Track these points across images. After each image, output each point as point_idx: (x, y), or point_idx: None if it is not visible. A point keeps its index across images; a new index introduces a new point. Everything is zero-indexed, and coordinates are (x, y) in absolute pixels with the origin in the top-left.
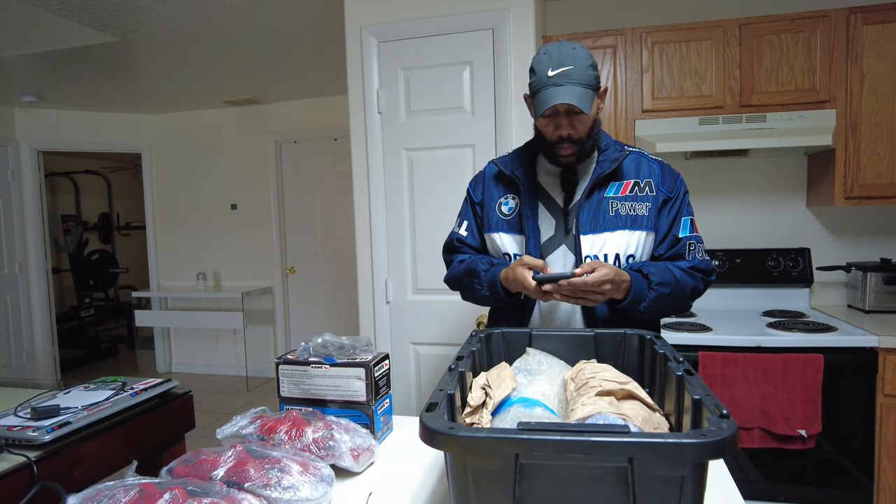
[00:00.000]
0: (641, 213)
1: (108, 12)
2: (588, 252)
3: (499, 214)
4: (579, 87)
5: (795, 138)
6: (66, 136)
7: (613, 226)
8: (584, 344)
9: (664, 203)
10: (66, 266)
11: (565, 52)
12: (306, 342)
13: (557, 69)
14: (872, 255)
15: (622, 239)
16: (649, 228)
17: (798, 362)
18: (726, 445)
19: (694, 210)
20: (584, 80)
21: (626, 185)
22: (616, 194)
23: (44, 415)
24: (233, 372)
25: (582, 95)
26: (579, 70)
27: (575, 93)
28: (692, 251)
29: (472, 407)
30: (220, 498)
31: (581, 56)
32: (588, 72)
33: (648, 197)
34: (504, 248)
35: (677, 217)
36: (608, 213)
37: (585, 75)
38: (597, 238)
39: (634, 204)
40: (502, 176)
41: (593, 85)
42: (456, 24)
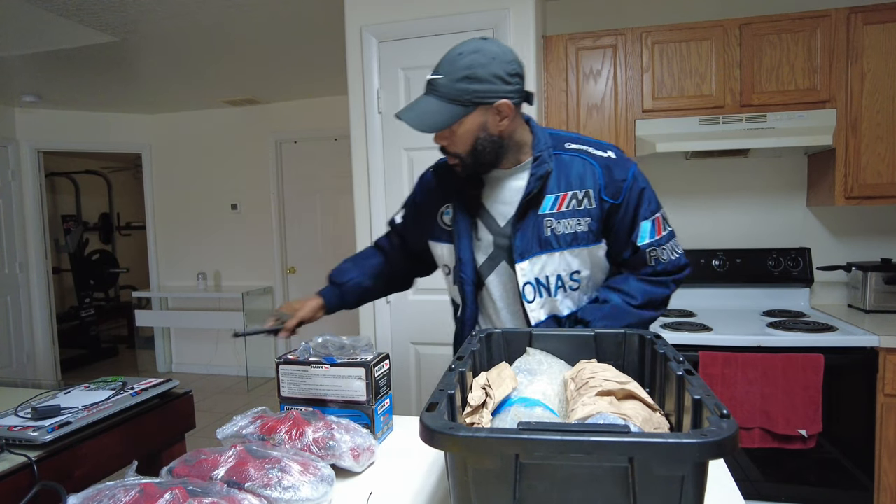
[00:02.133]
0: (581, 229)
1: (108, 12)
2: (527, 279)
3: (441, 224)
4: (439, 101)
5: (796, 138)
6: (66, 136)
7: (550, 247)
8: (584, 344)
9: (610, 212)
10: (66, 266)
11: (448, 58)
12: (307, 342)
13: (432, 74)
14: (873, 255)
15: (562, 259)
16: (593, 243)
17: (798, 362)
18: (726, 445)
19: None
20: (450, 93)
21: (562, 199)
22: (552, 210)
23: (44, 415)
24: (233, 372)
25: (433, 112)
26: (447, 82)
27: (424, 109)
28: (653, 256)
29: (473, 407)
30: (220, 498)
31: (460, 65)
32: (458, 85)
33: (588, 210)
34: (444, 260)
35: (634, 222)
36: (543, 233)
37: (453, 89)
38: (534, 263)
39: (572, 220)
40: (443, 182)
41: (463, 99)
42: (456, 24)
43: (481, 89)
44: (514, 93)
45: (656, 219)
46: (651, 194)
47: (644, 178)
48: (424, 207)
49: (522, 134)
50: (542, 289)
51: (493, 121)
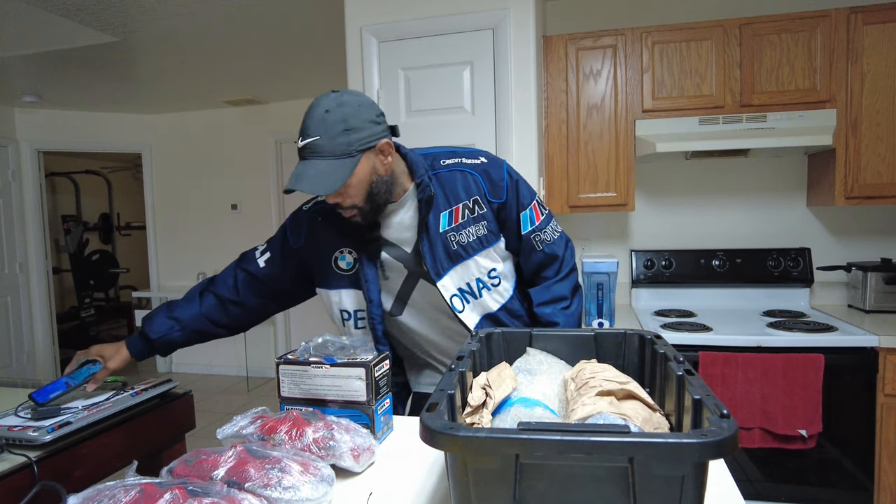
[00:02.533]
0: (482, 233)
1: (108, 12)
2: (451, 292)
3: (336, 269)
4: (327, 161)
5: (796, 138)
6: (66, 136)
7: (459, 258)
8: (584, 344)
9: (499, 210)
10: (66, 266)
11: (316, 119)
12: (307, 342)
13: (304, 139)
14: (873, 255)
15: (474, 265)
16: (495, 241)
17: (798, 362)
18: (727, 445)
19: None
20: (336, 150)
21: (456, 213)
22: (450, 226)
23: (44, 415)
24: (233, 372)
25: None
26: (327, 141)
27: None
28: (538, 240)
29: (473, 407)
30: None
31: (332, 120)
32: (339, 139)
33: (482, 215)
34: (343, 306)
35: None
36: (450, 248)
37: (335, 144)
38: (451, 276)
39: (472, 228)
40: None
41: (350, 151)
42: (456, 24)
43: (361, 137)
44: (385, 130)
45: (533, 206)
46: (524, 185)
47: (516, 171)
48: (313, 254)
49: (399, 164)
50: (468, 295)
51: (379, 162)
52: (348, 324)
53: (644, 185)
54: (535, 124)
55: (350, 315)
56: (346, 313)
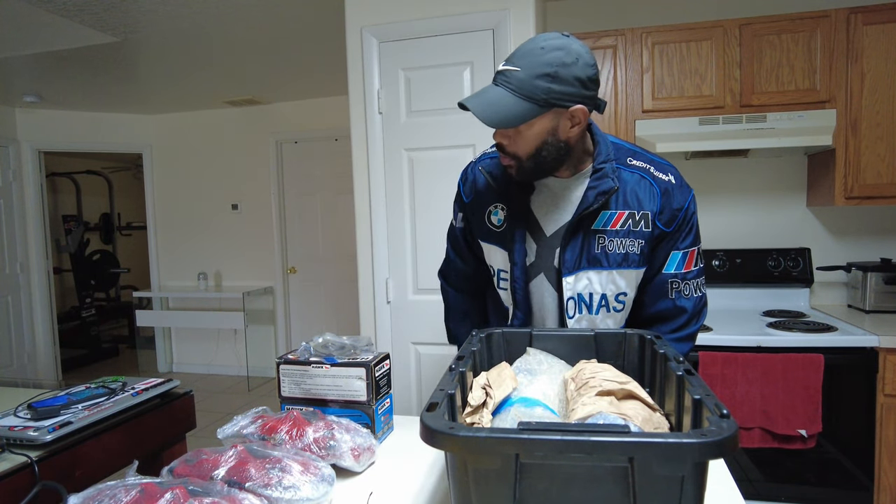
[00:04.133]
0: (633, 250)
1: (109, 13)
2: (570, 294)
3: (488, 224)
4: (512, 95)
5: (796, 138)
6: (67, 137)
7: (599, 265)
8: (584, 344)
9: (661, 238)
10: (67, 266)
11: (528, 50)
12: (307, 342)
13: (504, 65)
14: (873, 255)
15: (609, 279)
16: (642, 266)
17: (798, 362)
18: (726, 445)
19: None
20: (526, 90)
21: (618, 217)
22: (606, 227)
23: (44, 415)
24: (234, 372)
25: (505, 106)
26: (525, 75)
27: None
28: (675, 288)
29: (473, 407)
30: (221, 497)
31: (542, 60)
32: (537, 82)
33: (643, 233)
34: (490, 260)
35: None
36: (594, 249)
37: (530, 85)
38: (580, 278)
39: (626, 240)
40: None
41: (539, 98)
42: (456, 25)
43: (560, 91)
44: (591, 99)
45: (691, 252)
46: (697, 226)
47: (696, 207)
48: (475, 206)
49: (586, 142)
50: (584, 305)
51: (564, 126)
52: (494, 281)
53: None
54: None
55: (494, 272)
56: (493, 269)
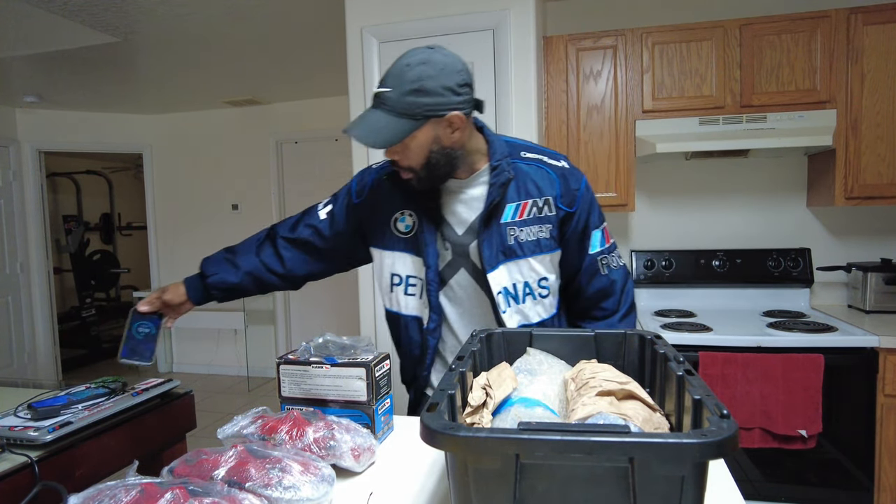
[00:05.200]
0: (543, 236)
1: (109, 13)
2: (498, 288)
3: (395, 232)
4: (388, 115)
5: (796, 138)
6: (67, 137)
7: (515, 255)
8: (584, 344)
9: (564, 221)
10: (67, 266)
11: (396, 70)
12: (307, 342)
13: (379, 87)
14: (873, 256)
15: (528, 267)
16: (555, 249)
17: (798, 362)
18: (727, 445)
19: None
20: (399, 107)
21: (523, 207)
22: (514, 219)
23: (44, 415)
24: (234, 372)
25: (383, 127)
26: (396, 94)
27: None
28: (604, 264)
29: (473, 407)
30: (221, 497)
31: (408, 77)
32: (407, 98)
33: (549, 218)
34: (395, 269)
35: (586, 232)
36: (507, 241)
37: (402, 102)
38: (501, 272)
39: (535, 227)
40: (397, 188)
41: (412, 113)
42: (456, 25)
43: (431, 102)
44: (465, 103)
45: (604, 228)
46: (598, 205)
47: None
48: (372, 213)
49: (476, 143)
50: (511, 298)
51: (444, 133)
52: (397, 289)
53: (644, 186)
54: (535, 125)
55: (401, 280)
56: (398, 277)
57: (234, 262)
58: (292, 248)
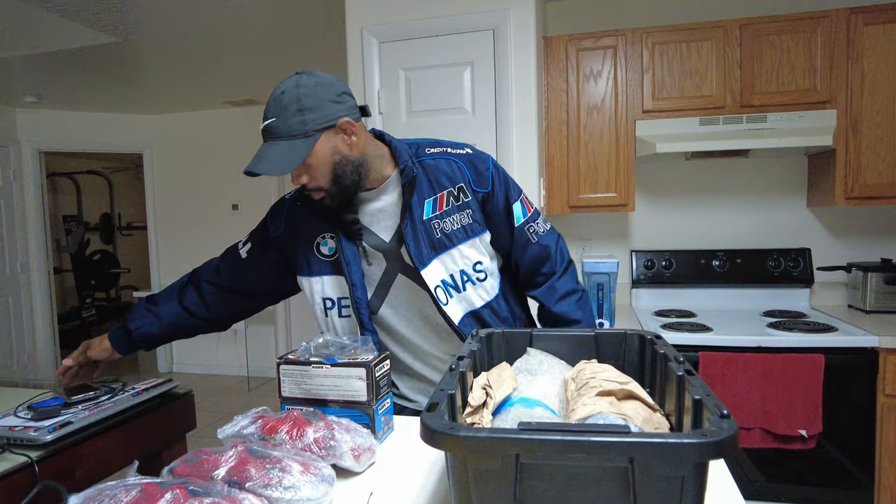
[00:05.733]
0: (467, 221)
1: (109, 13)
2: (434, 282)
3: (318, 256)
4: (280, 143)
5: (796, 138)
6: (67, 137)
7: (445, 247)
8: (584, 344)
9: (485, 201)
10: (67, 266)
11: (273, 102)
12: (307, 342)
13: (264, 122)
14: (873, 256)
15: (459, 255)
16: (482, 231)
17: (798, 362)
18: (727, 445)
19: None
20: (289, 131)
21: (440, 200)
22: (434, 213)
23: (45, 415)
24: (234, 372)
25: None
26: (281, 123)
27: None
28: (532, 232)
29: (473, 407)
30: (221, 497)
31: (286, 102)
32: (293, 120)
33: (466, 203)
34: (325, 293)
35: (508, 207)
36: (434, 235)
37: (289, 126)
38: (434, 266)
39: (456, 216)
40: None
41: (302, 132)
42: (457, 25)
43: (317, 117)
44: (349, 109)
45: (523, 199)
46: (511, 179)
47: (501, 167)
48: (293, 242)
49: (377, 149)
50: (451, 288)
51: (341, 142)
52: (331, 313)
53: (644, 186)
54: (535, 125)
55: (334, 303)
56: (330, 301)
57: (157, 312)
58: (216, 291)
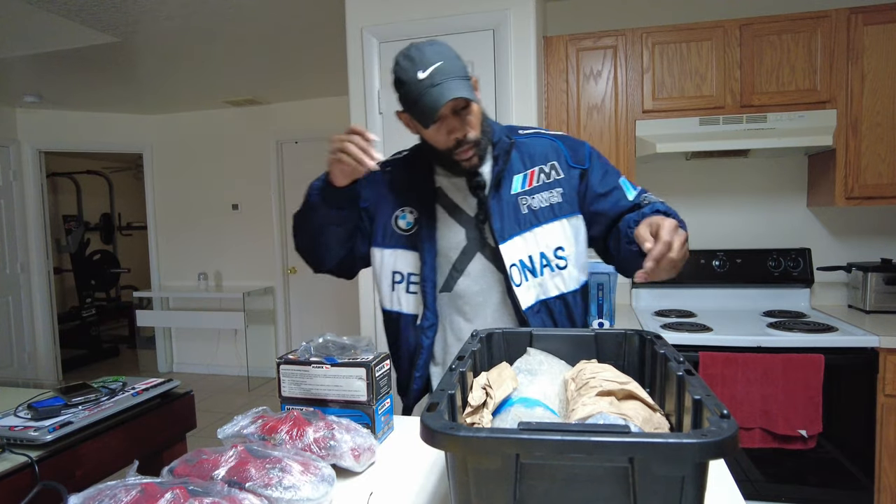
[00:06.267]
0: (556, 200)
1: (109, 13)
2: (512, 260)
3: (396, 229)
4: (458, 80)
5: (796, 138)
6: (67, 137)
7: (530, 223)
8: (584, 344)
9: (582, 177)
10: (67, 266)
11: (428, 52)
12: (307, 342)
13: (427, 69)
14: (873, 256)
15: (543, 235)
16: (570, 213)
17: (799, 362)
18: (727, 445)
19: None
20: (458, 72)
21: (531, 175)
22: (523, 188)
23: (45, 415)
24: (234, 372)
25: (464, 87)
26: (450, 64)
27: (459, 86)
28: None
29: (473, 407)
30: (221, 497)
31: (444, 50)
32: (458, 63)
33: (559, 181)
34: (396, 267)
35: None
36: (520, 211)
37: (457, 67)
38: (515, 243)
39: (545, 193)
40: (396, 184)
41: (466, 76)
42: (457, 25)
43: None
44: None
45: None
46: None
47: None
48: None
49: None
50: (527, 271)
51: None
52: (399, 287)
53: (644, 186)
54: (535, 125)
55: (403, 278)
56: (399, 275)
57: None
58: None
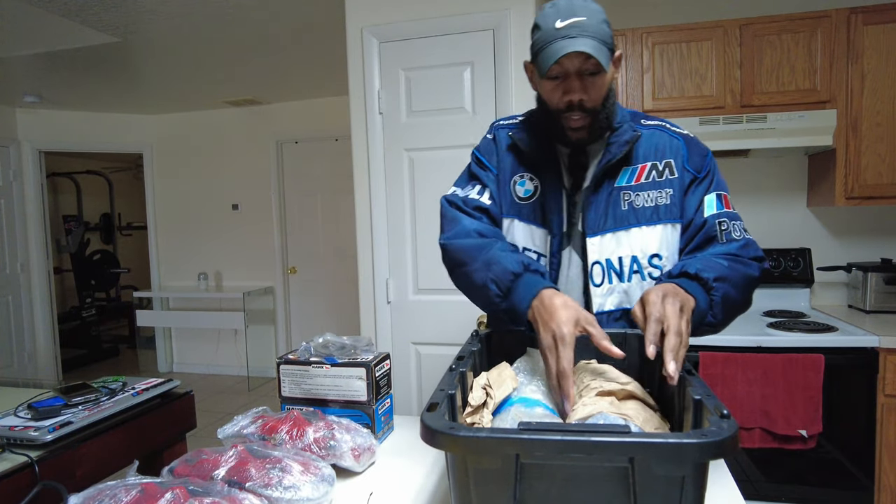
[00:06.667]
0: (663, 202)
1: (109, 13)
2: (596, 257)
3: (513, 196)
4: (594, 40)
5: (796, 138)
6: (67, 137)
7: (627, 223)
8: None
9: (690, 184)
10: (67, 266)
11: (577, 4)
12: (307, 342)
13: (567, 20)
14: (873, 256)
15: (640, 237)
16: (675, 219)
17: (799, 362)
18: (727, 445)
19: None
20: (599, 34)
21: (640, 171)
22: (629, 183)
23: (45, 415)
24: (234, 372)
25: (598, 48)
26: (593, 22)
27: (589, 44)
28: (724, 231)
29: (473, 407)
30: (221, 497)
31: (595, 8)
32: (602, 27)
33: (670, 181)
34: (513, 238)
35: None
36: (620, 207)
37: (600, 30)
38: (606, 240)
39: (653, 192)
40: (516, 149)
41: (609, 43)
42: (457, 25)
43: (611, 35)
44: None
45: (724, 195)
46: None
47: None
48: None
49: None
50: (613, 273)
51: (612, 74)
52: None
53: None
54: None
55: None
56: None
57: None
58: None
